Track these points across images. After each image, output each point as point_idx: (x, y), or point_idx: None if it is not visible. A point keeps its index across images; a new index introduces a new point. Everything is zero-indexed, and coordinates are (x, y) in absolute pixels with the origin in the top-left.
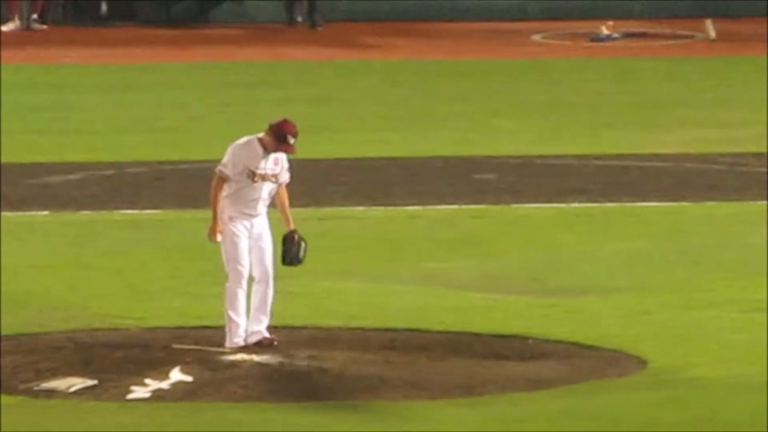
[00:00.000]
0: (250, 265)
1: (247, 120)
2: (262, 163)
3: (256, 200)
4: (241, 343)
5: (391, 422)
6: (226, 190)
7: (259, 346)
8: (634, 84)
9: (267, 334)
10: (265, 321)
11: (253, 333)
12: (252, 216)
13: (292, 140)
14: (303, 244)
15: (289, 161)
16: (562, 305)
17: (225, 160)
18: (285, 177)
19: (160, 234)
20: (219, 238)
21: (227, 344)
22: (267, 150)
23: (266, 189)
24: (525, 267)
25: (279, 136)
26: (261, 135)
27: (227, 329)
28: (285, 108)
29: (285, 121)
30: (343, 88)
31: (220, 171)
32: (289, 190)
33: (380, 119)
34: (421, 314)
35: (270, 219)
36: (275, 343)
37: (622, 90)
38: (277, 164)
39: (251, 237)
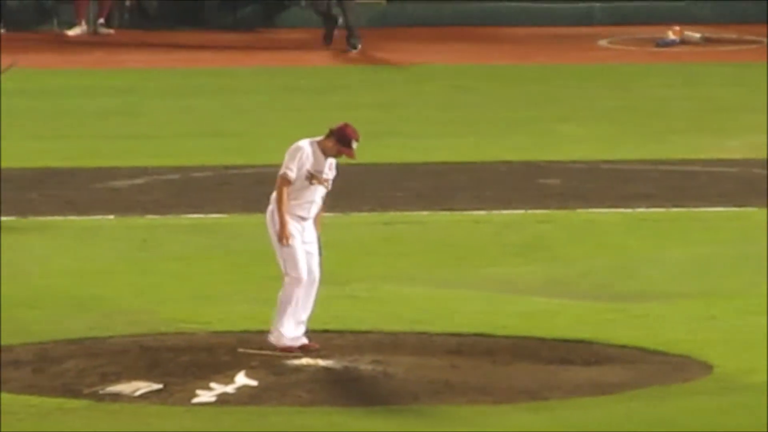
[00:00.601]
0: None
1: (314, 125)
2: (322, 168)
3: (311, 203)
4: (288, 344)
5: (455, 427)
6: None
7: (303, 351)
8: (701, 89)
9: (306, 340)
10: (304, 327)
11: (296, 338)
12: (304, 219)
13: (355, 145)
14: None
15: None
16: (628, 310)
17: (290, 163)
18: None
19: (226, 238)
20: (286, 242)
21: (273, 340)
22: (326, 154)
23: (320, 193)
24: (591, 272)
25: (343, 141)
26: (319, 139)
27: (277, 328)
28: (351, 113)
29: (348, 126)
30: (408, 93)
31: (286, 174)
32: (355, 194)
33: (446, 124)
34: (487, 319)
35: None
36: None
37: (688, 95)
38: (331, 169)
39: (303, 241)
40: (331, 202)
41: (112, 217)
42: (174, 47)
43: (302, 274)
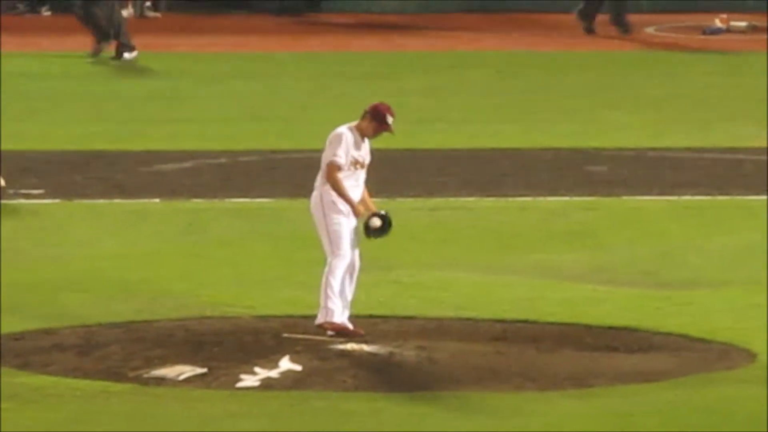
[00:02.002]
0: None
1: (360, 110)
2: (362, 152)
3: (354, 187)
4: (337, 321)
5: (500, 414)
6: None
7: (348, 335)
8: (747, 77)
9: (351, 326)
10: (348, 311)
11: (342, 322)
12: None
13: (390, 119)
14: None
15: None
16: (673, 298)
17: (337, 150)
18: None
19: (272, 223)
20: (362, 211)
21: (321, 318)
22: (365, 135)
23: (362, 177)
24: (636, 259)
25: (379, 118)
26: (355, 123)
27: (326, 305)
28: (398, 99)
29: (380, 103)
30: (456, 79)
31: (336, 161)
32: (401, 180)
33: (493, 111)
34: (532, 306)
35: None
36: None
37: (734, 83)
38: (368, 153)
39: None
40: (377, 188)
41: (158, 200)
42: (221, 32)
43: (348, 250)
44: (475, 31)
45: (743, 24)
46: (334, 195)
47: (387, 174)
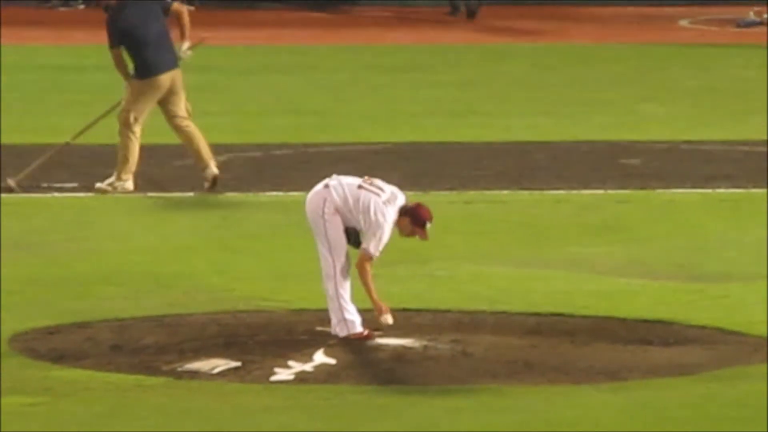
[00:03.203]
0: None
1: (394, 103)
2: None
3: None
4: (359, 330)
5: (535, 407)
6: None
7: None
8: None
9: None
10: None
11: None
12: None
13: (429, 225)
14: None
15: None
16: (707, 291)
17: (379, 245)
18: None
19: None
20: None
21: (350, 331)
22: (401, 232)
23: None
24: (670, 252)
25: (418, 221)
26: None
27: (346, 321)
28: (432, 91)
29: (421, 206)
30: (490, 72)
31: (372, 255)
32: (435, 173)
33: (527, 103)
34: (566, 299)
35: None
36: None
37: None
38: None
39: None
40: (411, 180)
41: (191, 194)
42: (255, 24)
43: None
44: (510, 23)
45: None
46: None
47: (421, 167)
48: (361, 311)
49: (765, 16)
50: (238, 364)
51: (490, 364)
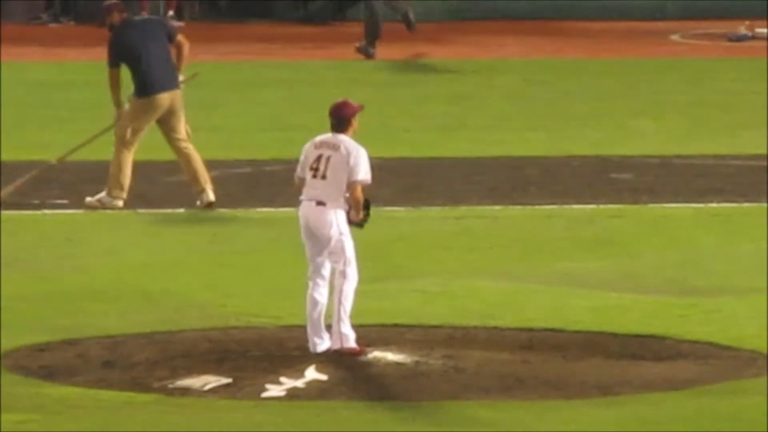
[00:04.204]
0: None
1: (385, 118)
2: None
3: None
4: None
5: (527, 422)
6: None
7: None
8: None
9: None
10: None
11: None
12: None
13: (351, 100)
14: None
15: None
16: (700, 305)
17: (368, 168)
18: None
19: (297, 233)
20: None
21: (345, 345)
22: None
23: None
24: (662, 267)
25: (355, 110)
26: (347, 132)
27: (341, 335)
28: (422, 107)
29: (344, 103)
30: (481, 86)
31: (368, 181)
32: (426, 188)
33: (518, 118)
34: (558, 314)
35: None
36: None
37: (760, 90)
38: None
39: None
40: (403, 196)
41: (182, 210)
42: (245, 39)
43: (357, 270)
44: (500, 38)
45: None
46: (346, 210)
47: (412, 182)
48: (355, 327)
49: (756, 30)
50: (229, 380)
51: (482, 379)
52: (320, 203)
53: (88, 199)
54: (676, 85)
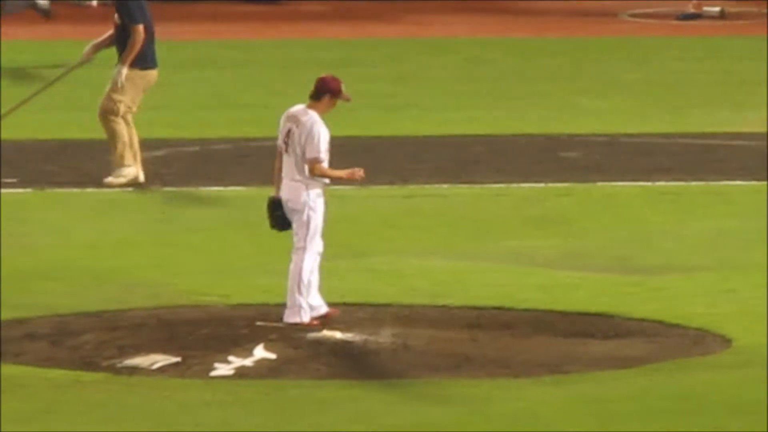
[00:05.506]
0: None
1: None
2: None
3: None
4: (307, 320)
5: (475, 400)
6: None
7: (326, 318)
8: (721, 63)
9: (327, 308)
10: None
11: (320, 306)
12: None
13: (344, 87)
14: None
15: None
16: (647, 283)
17: (320, 147)
18: None
19: (245, 211)
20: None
21: (300, 319)
22: (326, 111)
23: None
24: (610, 245)
25: (337, 92)
26: (311, 105)
27: (300, 304)
28: (369, 86)
29: (329, 78)
30: (428, 65)
31: (320, 159)
32: (374, 167)
33: (465, 97)
34: (506, 292)
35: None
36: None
37: (708, 69)
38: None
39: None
40: None
41: (130, 189)
42: (193, 19)
43: (320, 246)
44: (446, 16)
45: (716, 9)
46: (318, 184)
47: (360, 161)
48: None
49: (704, 8)
50: (177, 359)
51: (430, 357)
52: (293, 180)
53: (107, 179)
54: (623, 64)
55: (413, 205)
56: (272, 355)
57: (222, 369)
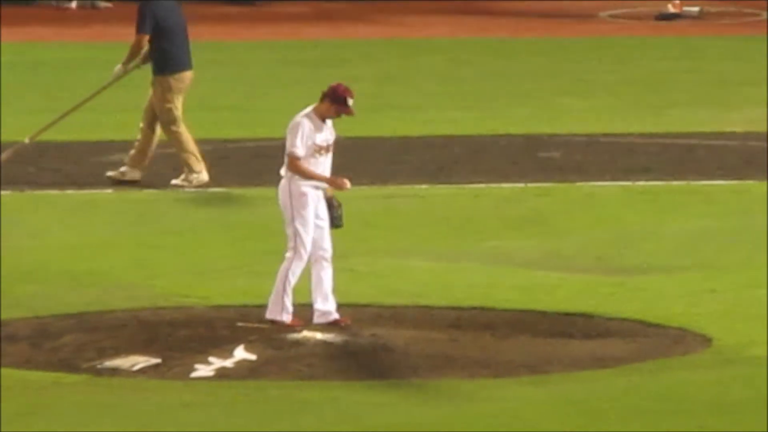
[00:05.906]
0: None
1: (312, 98)
2: (325, 135)
3: (323, 173)
4: (288, 321)
5: (455, 401)
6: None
7: (335, 325)
8: (700, 62)
9: (338, 315)
10: (334, 302)
11: (326, 312)
12: (318, 190)
13: (351, 102)
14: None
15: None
16: (627, 284)
17: (294, 141)
18: None
19: (225, 212)
20: (347, 184)
21: (281, 318)
22: (324, 120)
23: (329, 161)
24: (590, 245)
25: (338, 100)
26: (314, 106)
27: (280, 302)
28: (350, 86)
29: (339, 85)
30: (407, 66)
31: (294, 152)
32: (354, 168)
33: (445, 97)
34: (486, 292)
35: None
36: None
37: (688, 68)
38: (332, 133)
39: (317, 215)
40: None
41: (110, 190)
42: None
43: (308, 249)
44: (426, 17)
45: (696, 9)
46: (302, 184)
47: (339, 162)
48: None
49: (684, 8)
50: (158, 360)
51: (410, 358)
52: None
53: (174, 181)
54: (603, 64)
55: (393, 205)
56: (253, 356)
57: (202, 370)
